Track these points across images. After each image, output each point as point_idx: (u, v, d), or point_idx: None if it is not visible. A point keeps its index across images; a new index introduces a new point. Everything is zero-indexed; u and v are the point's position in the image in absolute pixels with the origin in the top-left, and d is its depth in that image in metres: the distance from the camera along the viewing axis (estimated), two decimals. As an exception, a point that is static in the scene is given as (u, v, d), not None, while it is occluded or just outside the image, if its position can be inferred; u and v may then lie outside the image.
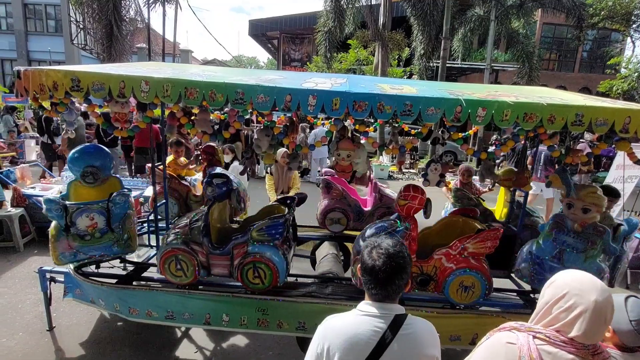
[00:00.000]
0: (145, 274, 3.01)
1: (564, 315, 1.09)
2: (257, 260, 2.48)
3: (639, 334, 1.27)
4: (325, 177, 3.55)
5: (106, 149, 2.99)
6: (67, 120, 2.85)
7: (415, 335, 1.22)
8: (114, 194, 2.73)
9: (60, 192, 2.95)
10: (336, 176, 3.34)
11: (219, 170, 3.29)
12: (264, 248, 2.51)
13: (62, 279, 2.90)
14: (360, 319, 1.23)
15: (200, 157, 3.82)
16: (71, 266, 2.84)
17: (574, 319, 1.07)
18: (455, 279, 2.43)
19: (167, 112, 3.00)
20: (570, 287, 1.10)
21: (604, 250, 2.46)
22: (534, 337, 1.11)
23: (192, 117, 2.77)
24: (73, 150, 2.79)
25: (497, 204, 4.45)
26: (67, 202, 2.63)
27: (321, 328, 1.27)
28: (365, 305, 1.26)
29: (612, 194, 3.05)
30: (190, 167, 3.97)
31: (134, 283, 2.79)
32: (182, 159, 3.97)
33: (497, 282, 2.78)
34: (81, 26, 15.36)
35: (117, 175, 3.32)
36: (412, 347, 1.21)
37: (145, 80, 2.05)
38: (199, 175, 4.12)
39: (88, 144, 3.23)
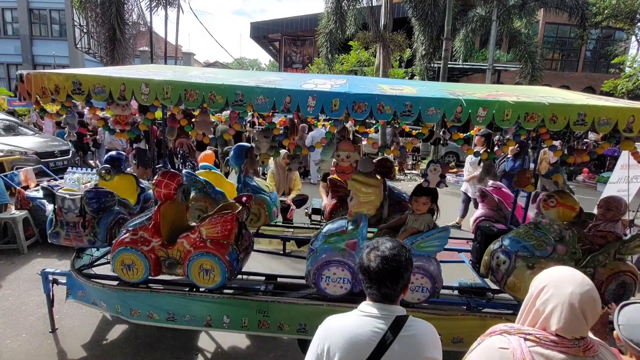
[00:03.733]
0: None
1: (543, 307, 1.09)
2: None
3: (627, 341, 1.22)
4: (493, 187, 3.39)
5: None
6: (69, 123, 2.87)
7: (416, 337, 1.22)
8: None
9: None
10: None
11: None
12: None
13: (65, 281, 2.91)
14: (361, 319, 1.23)
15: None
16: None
17: (551, 311, 1.07)
18: (195, 262, 2.49)
19: (168, 114, 3.01)
20: (549, 280, 1.12)
21: None
22: (525, 339, 1.10)
23: (193, 119, 2.78)
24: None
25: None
26: None
27: (321, 328, 1.27)
28: (366, 306, 1.26)
29: (425, 193, 2.47)
30: None
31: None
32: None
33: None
34: (85, 30, 15.54)
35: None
36: (413, 349, 1.20)
37: (145, 82, 2.06)
38: None
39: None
